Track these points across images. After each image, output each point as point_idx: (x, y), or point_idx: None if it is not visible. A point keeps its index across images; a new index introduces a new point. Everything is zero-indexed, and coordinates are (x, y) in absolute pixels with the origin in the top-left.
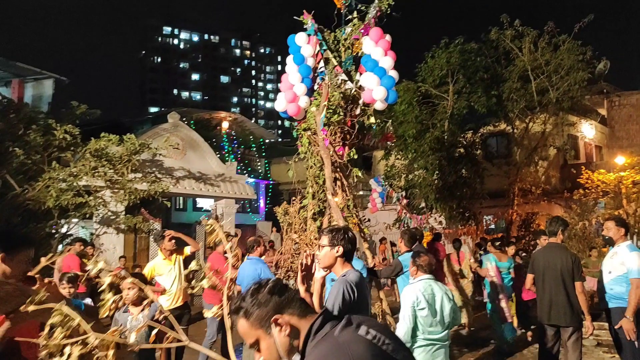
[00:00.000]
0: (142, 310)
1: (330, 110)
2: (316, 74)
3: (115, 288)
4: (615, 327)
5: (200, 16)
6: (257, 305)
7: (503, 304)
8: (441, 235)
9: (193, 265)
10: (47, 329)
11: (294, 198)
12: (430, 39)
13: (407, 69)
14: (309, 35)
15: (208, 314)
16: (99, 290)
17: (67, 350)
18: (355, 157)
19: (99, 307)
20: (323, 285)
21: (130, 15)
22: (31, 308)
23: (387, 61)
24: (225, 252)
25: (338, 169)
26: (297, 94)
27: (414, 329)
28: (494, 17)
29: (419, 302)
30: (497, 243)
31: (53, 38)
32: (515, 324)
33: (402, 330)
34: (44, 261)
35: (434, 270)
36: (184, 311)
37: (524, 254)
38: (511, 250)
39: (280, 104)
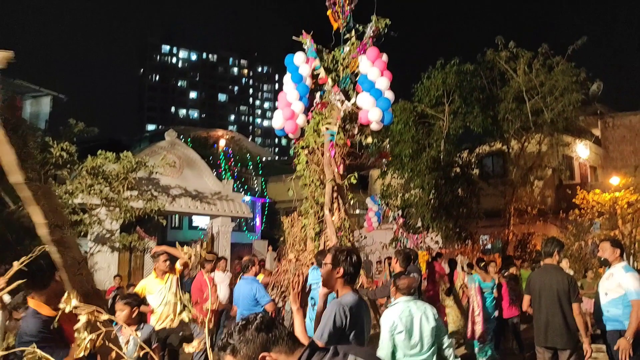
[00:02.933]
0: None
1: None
2: (315, 93)
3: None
4: (615, 347)
5: (199, 35)
6: (245, 343)
7: (479, 325)
8: (441, 255)
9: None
10: None
11: (291, 217)
12: (427, 59)
13: (404, 88)
14: (309, 56)
15: (188, 348)
16: (74, 329)
17: None
18: (355, 181)
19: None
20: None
21: (129, 34)
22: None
23: (383, 82)
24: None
25: (336, 188)
26: (295, 112)
27: (394, 352)
28: (489, 38)
29: (396, 326)
30: (482, 264)
31: (52, 55)
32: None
33: (381, 355)
34: (16, 265)
35: (413, 292)
36: (174, 331)
37: (506, 273)
38: (512, 271)
39: (278, 122)
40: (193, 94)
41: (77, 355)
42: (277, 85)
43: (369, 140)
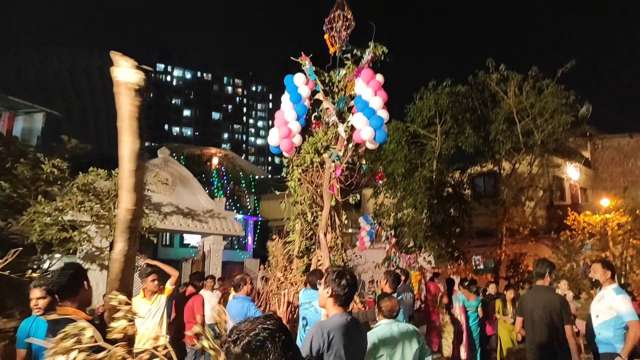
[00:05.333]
0: None
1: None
2: (312, 114)
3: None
4: None
5: (194, 54)
6: (234, 357)
7: (463, 342)
8: (438, 275)
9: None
10: (60, 335)
11: (276, 236)
12: (419, 81)
13: (396, 109)
14: (311, 79)
15: None
16: (113, 316)
17: (73, 354)
18: (358, 197)
19: (107, 330)
20: None
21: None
22: None
23: (376, 101)
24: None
25: (332, 209)
26: (292, 130)
27: None
28: (480, 61)
29: (377, 349)
30: (466, 283)
31: (50, 72)
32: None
33: None
34: None
35: (395, 315)
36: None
37: (487, 293)
38: (510, 294)
39: (274, 139)
40: (187, 112)
41: (109, 337)
42: (271, 105)
43: (363, 161)
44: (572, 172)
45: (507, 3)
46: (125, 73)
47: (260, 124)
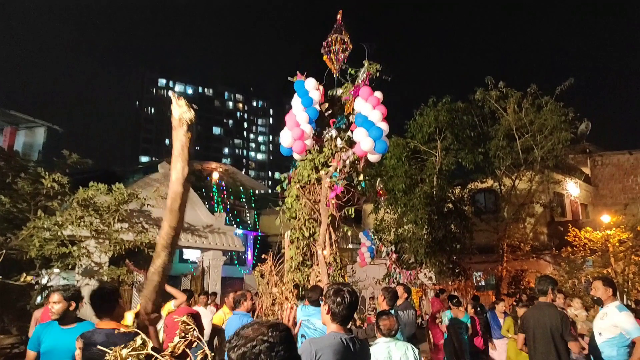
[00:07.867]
0: None
1: (326, 166)
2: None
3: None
4: None
5: (196, 70)
6: None
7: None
8: (444, 291)
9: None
10: (128, 345)
11: (265, 254)
12: (419, 97)
13: (397, 125)
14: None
15: None
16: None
17: None
18: (353, 215)
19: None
20: None
21: (127, 68)
22: None
23: (375, 114)
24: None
25: (330, 224)
26: (305, 132)
27: None
28: (479, 78)
29: None
30: (455, 300)
31: (50, 87)
32: None
33: None
34: None
35: (394, 334)
36: None
37: (478, 309)
38: (521, 310)
39: (286, 140)
40: None
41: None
42: (272, 120)
43: (361, 177)
44: (573, 189)
45: (506, 21)
46: (181, 110)
47: (260, 139)
